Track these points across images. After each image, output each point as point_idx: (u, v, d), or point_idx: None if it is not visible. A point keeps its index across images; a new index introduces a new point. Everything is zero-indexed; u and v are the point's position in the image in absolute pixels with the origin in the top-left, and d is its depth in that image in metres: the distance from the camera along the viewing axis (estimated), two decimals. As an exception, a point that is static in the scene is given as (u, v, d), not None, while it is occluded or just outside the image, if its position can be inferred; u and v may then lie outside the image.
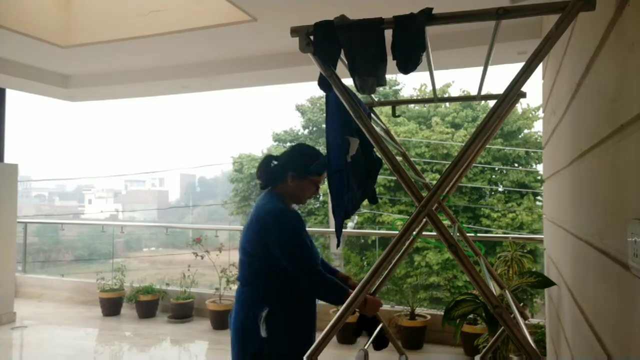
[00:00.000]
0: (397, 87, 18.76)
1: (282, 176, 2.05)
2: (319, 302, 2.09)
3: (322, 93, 1.46)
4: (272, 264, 1.90)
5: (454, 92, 17.22)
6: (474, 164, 5.15)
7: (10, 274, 5.41)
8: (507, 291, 2.22)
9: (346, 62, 1.29)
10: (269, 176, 2.09)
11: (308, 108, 19.33)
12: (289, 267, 1.89)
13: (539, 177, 14.86)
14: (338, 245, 1.60)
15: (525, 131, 15.77)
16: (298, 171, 2.02)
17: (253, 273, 1.97)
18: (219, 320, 5.13)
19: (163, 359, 4.64)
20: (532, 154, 15.39)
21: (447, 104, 16.78)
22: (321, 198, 17.49)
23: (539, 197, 14.70)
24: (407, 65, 1.23)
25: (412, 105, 17.17)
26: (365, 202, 1.87)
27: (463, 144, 1.25)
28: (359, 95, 1.63)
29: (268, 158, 2.13)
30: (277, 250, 1.89)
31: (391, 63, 1.24)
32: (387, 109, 2.60)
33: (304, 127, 19.61)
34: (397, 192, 15.29)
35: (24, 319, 5.37)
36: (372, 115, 2.00)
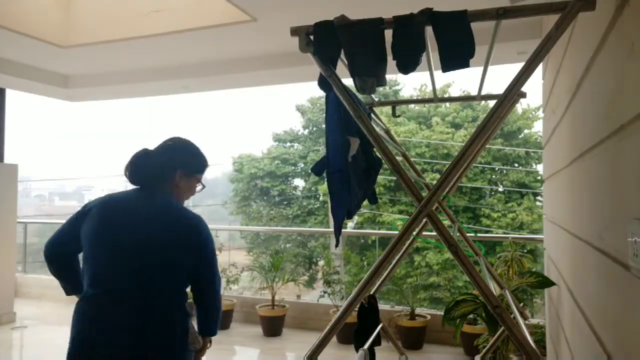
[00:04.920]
0: (397, 87, 18.76)
1: (168, 173, 1.79)
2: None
3: (322, 93, 1.46)
4: (192, 275, 1.75)
5: (454, 92, 17.23)
6: (474, 164, 5.15)
7: (10, 274, 5.41)
8: (507, 291, 2.22)
9: (346, 62, 1.29)
10: (152, 173, 1.78)
11: (308, 108, 19.34)
12: (209, 277, 1.78)
13: (539, 177, 14.86)
14: (337, 245, 1.60)
15: (525, 131, 15.78)
16: (186, 168, 1.83)
17: (177, 290, 1.71)
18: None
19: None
20: (532, 154, 15.40)
21: (447, 104, 16.78)
22: (321, 198, 17.50)
23: (539, 197, 14.71)
24: (407, 66, 1.23)
25: (412, 105, 17.17)
26: (365, 202, 1.87)
27: (463, 144, 1.25)
28: (359, 95, 1.63)
29: (146, 152, 1.82)
30: (201, 258, 1.74)
31: (391, 63, 1.24)
32: (387, 109, 2.59)
33: (304, 127, 19.63)
34: (397, 192, 15.30)
35: (24, 319, 5.37)
36: (372, 115, 2.00)
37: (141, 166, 1.77)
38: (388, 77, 1.40)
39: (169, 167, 1.80)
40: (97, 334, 1.61)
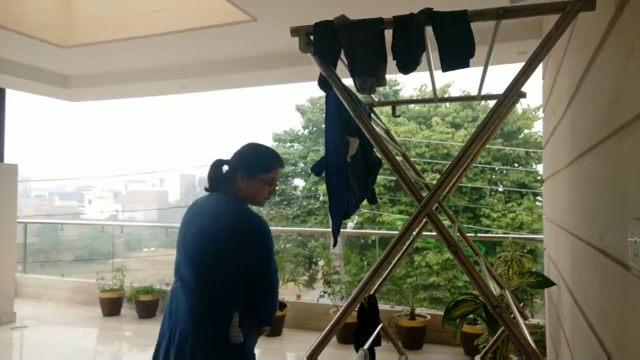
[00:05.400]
0: (397, 87, 18.76)
1: (231, 177, 1.92)
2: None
3: (322, 93, 1.46)
4: (246, 272, 1.80)
5: (454, 92, 17.24)
6: (474, 164, 5.15)
7: (10, 274, 5.41)
8: (507, 291, 2.22)
9: (346, 62, 1.29)
10: (219, 178, 1.94)
11: (308, 108, 19.33)
12: (265, 278, 1.82)
13: (539, 177, 14.87)
14: (334, 245, 1.60)
15: (525, 131, 15.79)
16: (246, 170, 1.91)
17: (222, 280, 1.80)
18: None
19: (163, 359, 4.64)
20: (532, 154, 15.40)
21: (447, 104, 16.78)
22: (321, 198, 17.50)
23: (539, 197, 14.71)
24: (407, 66, 1.23)
25: (412, 105, 17.17)
26: (365, 202, 1.87)
27: (463, 144, 1.25)
28: (359, 95, 1.63)
29: (218, 162, 1.97)
30: (254, 258, 1.80)
31: (391, 63, 1.24)
32: (387, 109, 2.59)
33: (304, 127, 19.62)
34: (397, 192, 15.30)
35: (24, 319, 5.37)
36: (372, 115, 2.00)
37: (210, 175, 1.96)
38: (388, 77, 1.40)
39: (232, 171, 1.93)
40: (169, 312, 1.86)
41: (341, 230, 1.57)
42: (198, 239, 1.83)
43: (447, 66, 1.21)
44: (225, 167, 1.97)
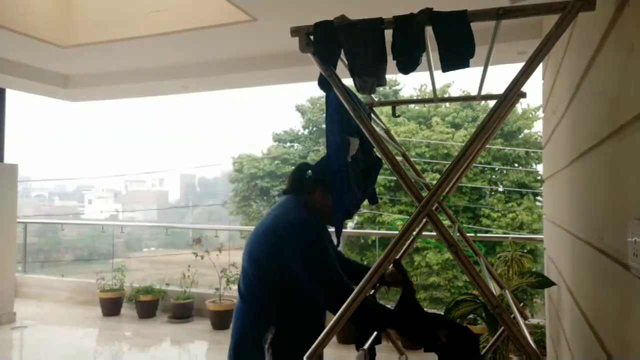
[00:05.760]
0: (397, 87, 18.77)
1: (311, 187, 1.77)
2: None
3: (322, 93, 1.46)
4: (285, 279, 1.65)
5: (454, 92, 17.24)
6: (474, 164, 5.15)
7: (10, 274, 5.41)
8: (507, 291, 2.22)
9: (346, 62, 1.29)
10: (298, 184, 1.80)
11: (308, 108, 19.34)
12: (312, 287, 1.61)
13: (539, 177, 14.87)
14: (338, 245, 1.60)
15: (525, 131, 15.79)
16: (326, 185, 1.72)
17: (259, 287, 1.71)
18: (219, 321, 5.13)
19: (163, 359, 4.64)
20: (532, 154, 15.41)
21: (447, 104, 16.79)
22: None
23: (539, 197, 14.71)
24: (407, 66, 1.23)
25: (412, 105, 17.17)
26: (365, 202, 1.87)
27: (463, 144, 1.25)
28: (359, 95, 1.62)
29: (304, 166, 1.83)
30: (298, 267, 1.62)
31: (391, 63, 1.23)
32: (387, 109, 2.58)
33: (304, 127, 19.62)
34: (397, 192, 15.30)
35: (24, 319, 5.37)
36: (372, 115, 2.00)
37: (290, 177, 1.86)
38: (388, 77, 1.40)
39: (313, 181, 1.78)
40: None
41: (342, 230, 1.56)
42: (247, 243, 1.77)
43: (447, 66, 1.20)
44: (309, 173, 1.81)
